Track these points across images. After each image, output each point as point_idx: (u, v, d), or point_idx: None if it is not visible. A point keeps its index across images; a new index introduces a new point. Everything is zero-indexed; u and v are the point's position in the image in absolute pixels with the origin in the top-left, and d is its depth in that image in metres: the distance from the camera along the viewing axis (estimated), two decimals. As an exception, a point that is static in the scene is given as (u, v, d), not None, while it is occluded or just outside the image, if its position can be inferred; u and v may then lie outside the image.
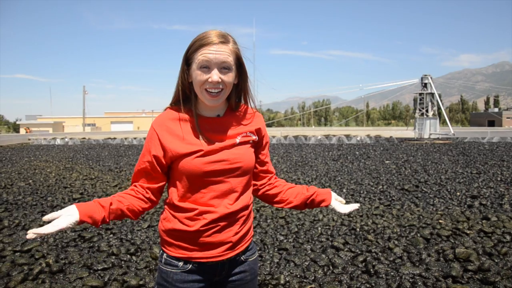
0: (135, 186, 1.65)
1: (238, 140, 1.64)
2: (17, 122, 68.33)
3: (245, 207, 1.67)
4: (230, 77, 1.55)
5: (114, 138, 30.16)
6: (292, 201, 1.80)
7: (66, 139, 29.19)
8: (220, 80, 1.51)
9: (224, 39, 1.53)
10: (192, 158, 1.55)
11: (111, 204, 1.54)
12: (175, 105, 1.66)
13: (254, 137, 1.71)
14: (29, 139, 30.22)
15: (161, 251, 1.67)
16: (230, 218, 1.61)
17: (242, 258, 1.71)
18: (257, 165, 1.77)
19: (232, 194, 1.61)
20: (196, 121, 1.60)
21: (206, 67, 1.51)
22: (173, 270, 1.61)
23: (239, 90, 1.68)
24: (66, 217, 1.41)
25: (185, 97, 1.63)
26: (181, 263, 1.61)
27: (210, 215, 1.57)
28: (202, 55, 1.50)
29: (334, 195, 1.84)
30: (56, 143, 28.43)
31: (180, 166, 1.57)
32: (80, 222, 1.43)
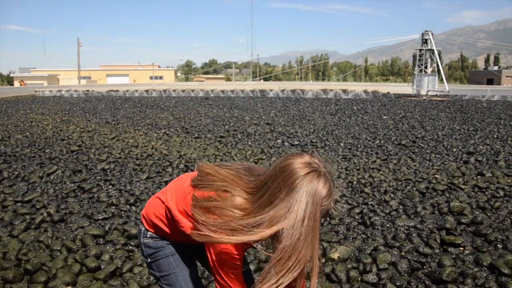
0: None
1: None
2: (11, 75, 67.09)
3: None
4: None
5: (117, 91, 30.23)
6: None
7: (71, 91, 29.34)
8: None
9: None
10: None
11: None
12: None
13: None
14: (35, 91, 30.44)
15: (143, 230, 1.72)
16: None
17: None
18: None
19: None
20: None
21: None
22: (157, 237, 1.68)
23: None
24: None
25: None
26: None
27: None
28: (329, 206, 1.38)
29: None
30: (62, 94, 28.64)
31: None
32: None
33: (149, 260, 1.69)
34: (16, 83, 51.65)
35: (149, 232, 1.67)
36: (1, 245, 3.41)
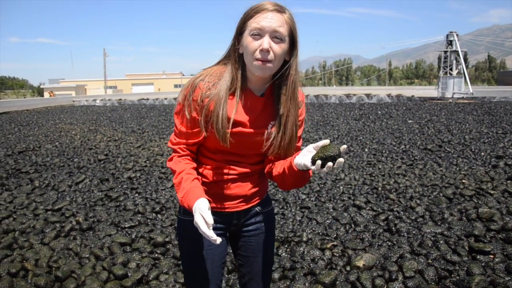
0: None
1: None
2: (41, 86, 69.18)
3: (262, 168, 1.73)
4: (281, 48, 1.46)
5: (147, 99, 31.19)
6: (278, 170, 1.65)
7: (105, 101, 30.64)
8: (269, 48, 1.44)
9: (280, 8, 1.47)
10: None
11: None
12: None
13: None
14: (73, 101, 32.07)
15: (179, 205, 1.72)
16: (247, 176, 1.68)
17: (257, 209, 1.76)
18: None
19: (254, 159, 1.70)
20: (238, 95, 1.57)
21: (258, 34, 1.44)
22: (190, 218, 1.54)
23: (285, 70, 1.55)
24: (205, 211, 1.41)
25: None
26: None
27: (230, 171, 1.65)
28: (255, 22, 1.44)
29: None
30: (96, 104, 29.98)
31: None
32: None
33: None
34: (46, 94, 53.15)
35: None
36: (33, 252, 3.53)
